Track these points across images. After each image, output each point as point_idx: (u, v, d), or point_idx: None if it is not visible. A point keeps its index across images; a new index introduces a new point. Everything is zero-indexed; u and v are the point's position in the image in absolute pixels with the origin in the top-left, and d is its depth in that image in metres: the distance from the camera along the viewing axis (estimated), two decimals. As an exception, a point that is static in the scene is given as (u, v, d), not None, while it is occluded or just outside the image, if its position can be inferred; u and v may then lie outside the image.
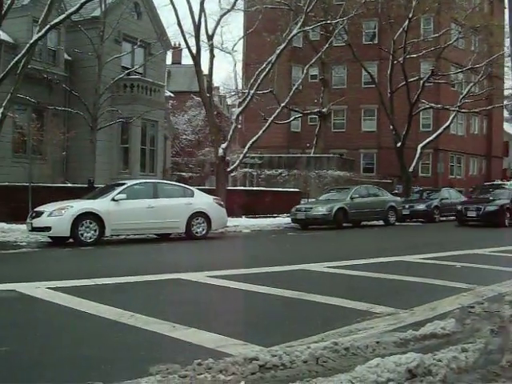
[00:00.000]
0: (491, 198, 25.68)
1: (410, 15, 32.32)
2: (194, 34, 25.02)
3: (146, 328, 6.18)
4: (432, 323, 6.59)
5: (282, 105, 28.48)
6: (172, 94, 39.79)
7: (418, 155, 35.38)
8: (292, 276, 10.39)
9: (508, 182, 35.88)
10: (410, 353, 5.25)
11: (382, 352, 5.52)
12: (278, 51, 25.88)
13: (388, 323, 6.76)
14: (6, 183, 21.58)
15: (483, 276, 10.54)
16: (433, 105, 36.30)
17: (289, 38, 26.33)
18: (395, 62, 33.53)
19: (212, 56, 26.02)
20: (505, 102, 42.84)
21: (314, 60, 31.07)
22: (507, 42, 34.77)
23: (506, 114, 55.68)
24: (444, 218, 28.76)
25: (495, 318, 7.09)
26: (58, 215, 15.51)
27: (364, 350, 5.58)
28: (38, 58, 25.73)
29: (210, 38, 25.88)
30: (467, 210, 24.90)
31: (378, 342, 5.80)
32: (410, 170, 34.64)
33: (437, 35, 36.01)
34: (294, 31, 26.71)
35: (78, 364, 5.02)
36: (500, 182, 37.81)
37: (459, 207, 25.56)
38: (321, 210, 23.16)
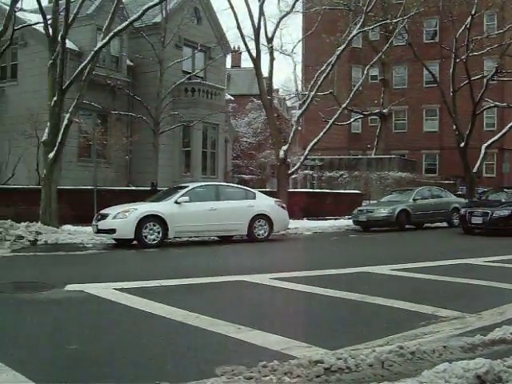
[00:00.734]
0: (503, 201, 21.89)
1: (473, 12, 31.59)
2: (253, 37, 25.19)
3: (211, 329, 6.26)
4: (501, 328, 6.43)
5: (343, 106, 28.30)
6: (232, 97, 40.09)
7: (482, 155, 34.56)
8: (355, 278, 10.33)
9: None
10: (478, 358, 5.15)
11: (449, 357, 5.43)
12: (337, 52, 25.75)
13: (454, 327, 6.64)
14: (73, 187, 22.18)
15: None
16: (497, 103, 35.37)
17: (348, 38, 26.15)
18: (458, 60, 32.83)
19: (272, 58, 26.12)
20: None
21: (374, 60, 30.75)
22: None
23: None
24: None
25: None
26: (122, 218, 15.85)
27: (430, 354, 5.50)
28: (102, 64, 26.42)
29: (270, 40, 25.98)
30: (472, 215, 21.08)
31: (444, 347, 5.71)
32: (474, 170, 33.88)
33: (501, 31, 35.05)
34: (354, 32, 26.51)
35: (144, 364, 5.13)
36: None
37: (462, 211, 21.94)
38: (383, 212, 22.90)
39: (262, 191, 21.06)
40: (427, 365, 5.13)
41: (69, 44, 23.63)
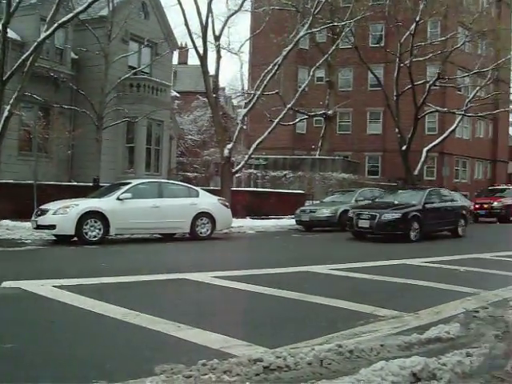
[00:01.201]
0: (396, 202, 20.14)
1: (417, 18, 32.29)
2: (201, 34, 25.07)
3: (150, 327, 6.19)
4: (437, 327, 6.59)
5: (288, 106, 28.47)
6: (178, 94, 39.82)
7: (423, 158, 35.34)
8: (296, 278, 10.40)
9: (513, 187, 35.83)
10: (414, 356, 5.26)
11: (386, 355, 5.52)
12: (284, 53, 25.89)
13: (392, 326, 6.76)
14: (12, 181, 21.63)
15: (488, 280, 10.53)
16: (439, 108, 36.24)
17: (296, 39, 26.34)
18: (402, 65, 33.50)
19: (219, 57, 26.07)
20: (511, 107, 42.71)
21: (320, 62, 31.05)
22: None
23: (511, 118, 55.57)
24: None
25: (500, 323, 7.09)
26: (62, 213, 15.54)
27: (368, 352, 5.58)
28: (45, 56, 25.81)
29: (217, 38, 25.92)
30: (359, 217, 19.04)
31: (382, 345, 5.80)
32: (415, 173, 34.62)
33: (444, 39, 35.93)
34: (301, 33, 26.72)
35: (82, 363, 5.03)
36: (505, 187, 37.73)
37: (350, 214, 19.78)
38: (325, 212, 23.15)
39: (205, 189, 21.00)
40: (365, 363, 5.20)
41: (10, 33, 22.95)
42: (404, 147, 33.93)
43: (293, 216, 25.17)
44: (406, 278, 10.20)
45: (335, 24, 31.40)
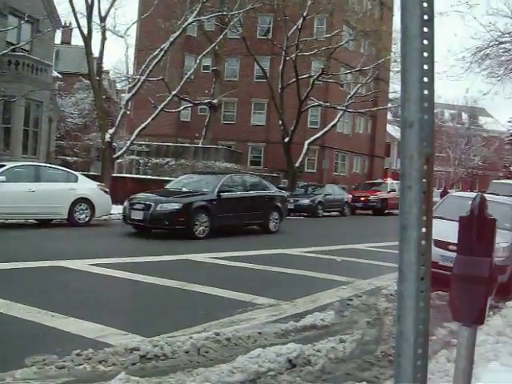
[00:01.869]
0: (184, 190, 16.82)
1: (305, 14, 32.88)
2: (85, 13, 24.24)
3: (23, 318, 5.94)
4: (312, 315, 6.78)
5: (173, 93, 28.18)
6: (60, 75, 38.32)
7: (304, 151, 36.15)
8: (177, 266, 10.35)
9: (389, 181, 37.50)
10: (290, 343, 5.39)
11: (263, 342, 5.62)
12: (171, 39, 25.55)
13: (270, 314, 6.88)
14: None
15: (362, 269, 10.97)
16: (321, 103, 37.18)
17: (183, 26, 26.06)
18: (287, 58, 34.03)
19: (104, 38, 25.31)
20: (389, 105, 44.54)
21: (207, 50, 30.92)
22: (394, 47, 36.33)
23: (389, 116, 58.05)
24: (327, 213, 29.66)
25: (372, 311, 7.42)
26: None
27: (246, 340, 5.65)
28: None
29: (103, 19, 25.15)
30: (132, 208, 15.67)
31: (259, 333, 5.90)
32: (297, 165, 35.35)
33: (329, 35, 36.83)
34: (189, 20, 26.49)
35: None
36: (381, 181, 39.43)
37: (125, 203, 16.43)
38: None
39: (85, 175, 20.36)
40: (242, 350, 5.26)
41: None
42: (286, 139, 34.55)
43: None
44: (283, 267, 10.42)
45: (224, 13, 31.36)
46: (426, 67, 1.54)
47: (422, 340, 1.60)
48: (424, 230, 1.55)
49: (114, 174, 27.29)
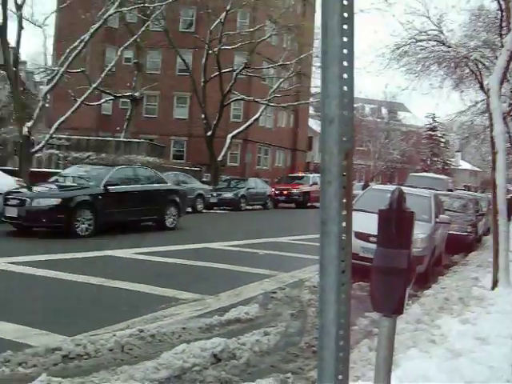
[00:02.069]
0: (67, 183, 15.30)
1: (228, 8, 32.88)
2: (0, 1, 23.35)
3: None
4: (236, 308, 6.82)
5: (94, 86, 27.58)
6: (-27, 65, 36.85)
7: (227, 145, 36.20)
8: (97, 262, 10.15)
9: (311, 175, 38.06)
10: (215, 338, 5.40)
11: (188, 338, 5.60)
12: (91, 30, 24.99)
13: (194, 309, 6.87)
14: None
15: (285, 263, 11.10)
16: (244, 97, 37.30)
17: (104, 17, 25.52)
18: (210, 52, 33.94)
19: (20, 27, 24.45)
20: (311, 100, 45.13)
21: (128, 42, 30.46)
22: (316, 42, 36.84)
23: (311, 110, 58.82)
24: (250, 207, 29.82)
25: (295, 303, 7.53)
26: None
27: (170, 336, 5.62)
28: None
29: (19, 7, 24.29)
30: (7, 202, 13.70)
31: (184, 328, 5.88)
32: (219, 159, 35.36)
33: (252, 30, 36.95)
34: (110, 11, 25.94)
35: None
36: (303, 175, 39.97)
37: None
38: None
39: (2, 169, 19.67)
40: (167, 346, 5.23)
41: None
42: (209, 133, 34.49)
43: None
44: (206, 262, 10.40)
45: (146, 5, 30.92)
46: (345, 64, 1.56)
47: (344, 332, 1.63)
48: (344, 224, 1.58)
49: (33, 169, 26.48)
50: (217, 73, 34.24)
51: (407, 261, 2.31)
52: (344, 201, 1.57)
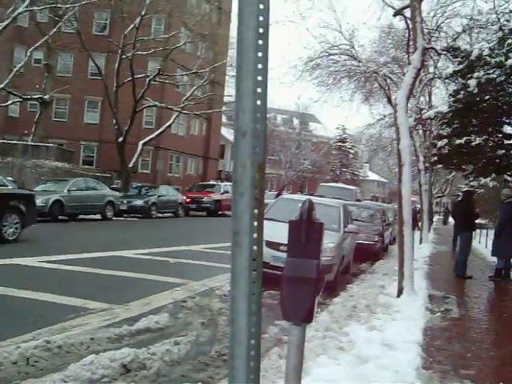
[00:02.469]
0: None
1: (143, 13, 32.57)
2: None
3: None
4: (146, 318, 6.75)
5: (1, 86, 26.66)
6: None
7: (138, 151, 35.76)
8: (2, 272, 9.77)
9: (222, 183, 38.19)
10: (124, 348, 5.32)
11: (96, 348, 5.49)
12: (-1, 28, 24.19)
13: (103, 319, 6.74)
14: None
15: (196, 271, 11.06)
16: (157, 103, 36.98)
17: (13, 15, 24.74)
18: (124, 56, 33.47)
19: None
20: (224, 108, 45.38)
21: (39, 43, 29.65)
22: (231, 52, 37.08)
23: (224, 119, 59.10)
24: (161, 215, 29.54)
25: (206, 312, 7.52)
26: None
27: (78, 347, 5.50)
28: None
29: None
30: None
31: (92, 339, 5.76)
32: (130, 165, 34.86)
33: (167, 36, 36.73)
34: (20, 9, 25.20)
35: None
36: (214, 183, 40.07)
37: None
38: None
39: None
40: (75, 358, 5.11)
41: None
42: (120, 139, 33.95)
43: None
44: (115, 270, 10.22)
45: (58, 5, 30.18)
46: (259, 78, 1.60)
47: (255, 342, 1.65)
48: (255, 235, 1.61)
49: None
50: (130, 78, 33.81)
51: (316, 270, 2.37)
52: (256, 212, 1.60)
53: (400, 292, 9.17)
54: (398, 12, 12.13)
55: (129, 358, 5.03)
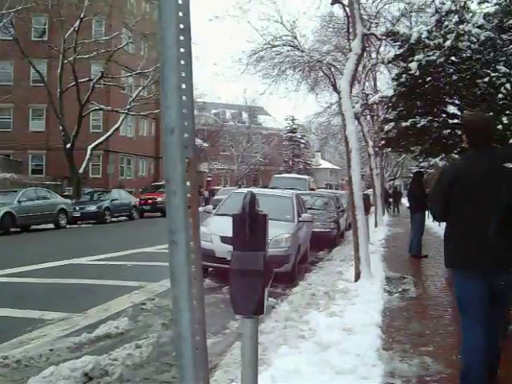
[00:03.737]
0: None
1: (82, 15, 32.10)
2: None
3: None
4: (106, 324, 6.69)
5: None
6: None
7: (88, 156, 35.29)
8: None
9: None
10: (85, 356, 5.26)
11: (56, 359, 5.42)
12: None
13: (61, 329, 6.65)
14: None
15: (153, 272, 10.99)
16: (103, 107, 36.53)
17: None
18: (66, 61, 32.94)
19: None
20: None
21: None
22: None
23: (172, 117, 58.79)
24: (115, 219, 29.20)
25: (166, 313, 7.48)
26: None
27: (38, 359, 5.41)
28: None
29: None
30: None
31: (51, 350, 5.68)
32: (81, 171, 34.39)
33: (108, 38, 36.28)
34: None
35: None
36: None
37: None
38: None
39: None
40: (35, 371, 5.03)
41: None
42: (68, 145, 33.46)
43: None
44: (72, 278, 10.08)
45: (-8, 13, 29.53)
46: (183, 74, 1.59)
47: (200, 338, 1.66)
48: (191, 232, 1.61)
49: None
50: (73, 83, 33.31)
51: (263, 262, 2.38)
52: (189, 209, 1.60)
53: (357, 276, 9.29)
54: (336, 0, 12.23)
55: (90, 366, 4.98)
